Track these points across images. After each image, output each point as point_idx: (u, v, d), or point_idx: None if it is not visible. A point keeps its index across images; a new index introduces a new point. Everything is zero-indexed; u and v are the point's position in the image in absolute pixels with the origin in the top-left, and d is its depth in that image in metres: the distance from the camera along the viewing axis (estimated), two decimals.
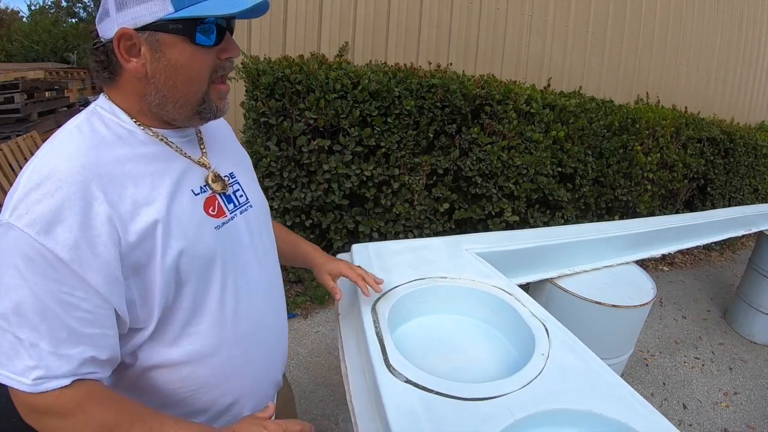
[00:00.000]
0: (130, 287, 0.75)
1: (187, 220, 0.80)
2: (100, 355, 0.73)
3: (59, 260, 0.67)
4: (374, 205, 3.44)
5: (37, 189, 0.68)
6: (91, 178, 0.71)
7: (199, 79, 0.79)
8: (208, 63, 0.79)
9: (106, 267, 0.71)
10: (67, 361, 0.70)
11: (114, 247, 0.71)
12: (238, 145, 1.08)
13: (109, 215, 0.71)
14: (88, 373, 0.73)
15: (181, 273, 0.79)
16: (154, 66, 0.76)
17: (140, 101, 0.80)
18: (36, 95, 6.55)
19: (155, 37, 0.74)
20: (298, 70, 3.10)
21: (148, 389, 0.85)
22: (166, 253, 0.76)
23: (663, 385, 3.21)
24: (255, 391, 0.99)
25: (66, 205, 0.68)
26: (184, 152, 0.86)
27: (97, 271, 0.70)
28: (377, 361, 1.05)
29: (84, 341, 0.71)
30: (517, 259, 1.89)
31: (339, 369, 2.87)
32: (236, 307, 0.89)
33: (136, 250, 0.74)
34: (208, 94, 0.82)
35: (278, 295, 1.06)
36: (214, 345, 0.87)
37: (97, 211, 0.70)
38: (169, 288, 0.79)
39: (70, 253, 0.68)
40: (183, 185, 0.82)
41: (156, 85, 0.78)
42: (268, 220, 1.08)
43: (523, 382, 1.01)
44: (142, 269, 0.75)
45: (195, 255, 0.80)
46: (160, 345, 0.83)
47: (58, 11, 30.72)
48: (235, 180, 0.95)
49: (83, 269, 0.69)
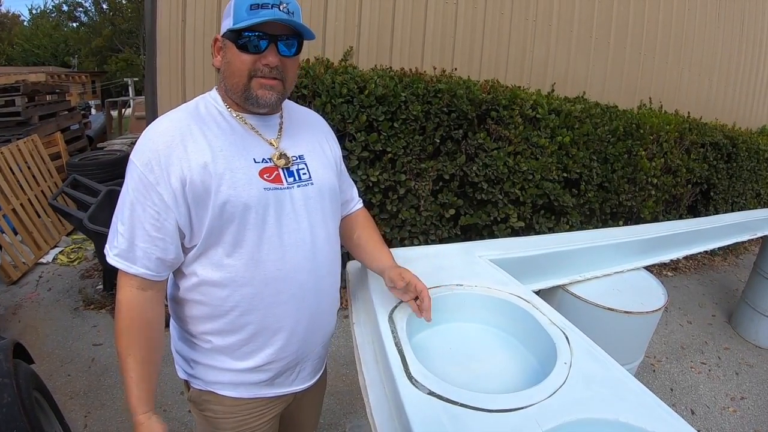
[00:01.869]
0: (190, 211, 1.05)
1: (240, 176, 1.06)
2: (160, 254, 1.05)
3: (149, 182, 1.01)
4: (380, 210, 3.43)
5: (146, 137, 1.05)
6: (179, 136, 1.04)
7: (239, 74, 1.07)
8: (247, 64, 1.06)
9: (174, 191, 1.02)
10: (136, 250, 1.04)
11: (182, 180, 1.02)
12: (324, 139, 1.31)
13: (183, 161, 1.02)
14: (148, 272, 1.06)
15: (226, 212, 1.05)
16: (222, 61, 1.11)
17: (221, 89, 1.15)
18: (37, 99, 6.50)
19: (224, 42, 1.09)
20: (304, 74, 3.10)
21: (198, 300, 1.14)
22: (219, 191, 1.04)
23: (670, 390, 3.20)
24: (279, 335, 1.18)
25: (159, 149, 1.02)
26: (258, 131, 1.15)
27: (169, 193, 1.02)
28: (398, 372, 1.03)
29: (152, 241, 1.04)
30: (529, 265, 1.87)
31: (345, 377, 2.89)
32: (270, 254, 1.11)
33: (197, 186, 1.03)
34: (249, 87, 1.08)
35: (323, 265, 1.22)
36: (246, 278, 1.10)
37: (178, 156, 1.02)
38: (216, 220, 1.05)
39: (156, 179, 1.01)
40: (246, 153, 1.10)
41: (223, 75, 1.12)
42: (333, 201, 1.27)
43: (548, 391, 1.00)
44: (201, 200, 1.04)
45: (239, 201, 1.05)
46: (208, 268, 1.10)
47: (59, 15, 30.76)
48: (303, 161, 1.19)
49: (161, 190, 1.02)
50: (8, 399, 1.68)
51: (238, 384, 1.21)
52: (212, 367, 1.19)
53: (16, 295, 3.87)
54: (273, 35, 1.05)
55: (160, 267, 1.07)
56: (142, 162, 1.02)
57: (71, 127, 7.33)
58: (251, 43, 1.04)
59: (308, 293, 1.19)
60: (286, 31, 1.07)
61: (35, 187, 5.00)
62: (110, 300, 3.70)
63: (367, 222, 1.47)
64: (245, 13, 1.02)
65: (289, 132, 1.22)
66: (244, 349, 1.17)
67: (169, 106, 3.50)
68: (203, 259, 1.11)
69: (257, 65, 1.06)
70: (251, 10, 1.02)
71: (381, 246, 1.41)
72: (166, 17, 3.53)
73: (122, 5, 29.00)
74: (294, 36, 1.09)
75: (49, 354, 3.07)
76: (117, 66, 25.76)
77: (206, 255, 1.10)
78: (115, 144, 7.84)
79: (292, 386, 1.29)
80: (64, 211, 3.76)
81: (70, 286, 4.02)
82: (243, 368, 1.18)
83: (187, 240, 1.09)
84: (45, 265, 4.45)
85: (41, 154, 5.44)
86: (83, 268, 4.39)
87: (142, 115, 7.54)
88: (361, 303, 1.43)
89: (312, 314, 1.23)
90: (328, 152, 1.30)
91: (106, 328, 3.39)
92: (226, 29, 1.06)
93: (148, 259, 1.05)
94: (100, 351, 3.13)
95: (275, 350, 1.19)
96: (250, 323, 1.15)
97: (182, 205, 1.04)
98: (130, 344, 1.07)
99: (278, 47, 1.07)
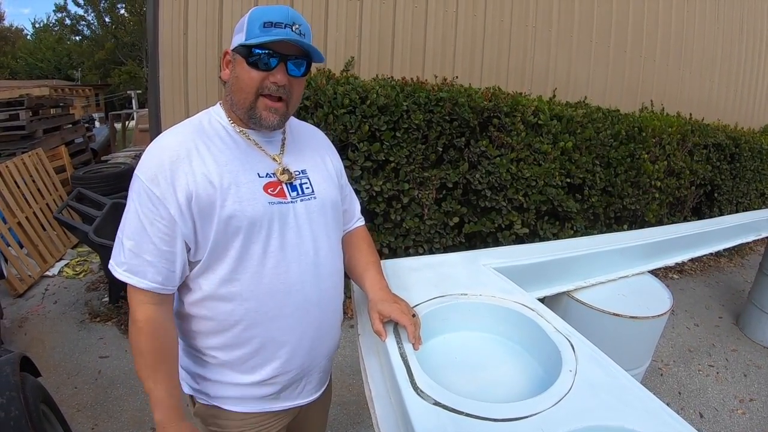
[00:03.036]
0: (195, 225, 1.06)
1: (245, 190, 1.08)
2: (169, 267, 1.06)
3: (155, 196, 1.02)
4: (384, 220, 3.44)
5: (151, 152, 1.06)
6: (185, 151, 1.05)
7: (247, 90, 1.09)
8: (256, 80, 1.07)
9: (180, 205, 1.03)
10: (145, 264, 1.05)
11: (187, 194, 1.03)
12: (325, 153, 1.34)
13: (189, 175, 1.03)
14: (159, 286, 1.06)
15: (231, 226, 1.06)
16: (230, 75, 1.12)
17: (227, 102, 1.16)
18: (41, 112, 6.55)
19: (234, 56, 1.10)
20: (306, 85, 3.12)
21: (203, 315, 1.14)
22: (224, 205, 1.05)
23: (678, 394, 3.18)
24: (284, 348, 1.19)
25: (165, 164, 1.03)
26: (261, 147, 1.16)
27: (175, 207, 1.03)
28: (404, 383, 1.03)
29: (161, 255, 1.05)
30: (533, 272, 1.87)
31: (351, 387, 2.89)
32: (274, 268, 1.12)
33: (203, 200, 1.04)
34: (255, 104, 1.10)
35: (327, 278, 1.23)
36: (251, 292, 1.12)
37: (183, 170, 1.04)
38: (221, 234, 1.07)
39: (163, 193, 1.02)
40: (251, 168, 1.12)
41: (230, 89, 1.13)
42: (335, 215, 1.28)
43: (554, 399, 1.00)
44: (206, 214, 1.05)
45: (245, 215, 1.07)
46: (213, 282, 1.11)
47: (62, 29, 31.02)
48: (305, 176, 1.21)
49: (167, 203, 1.03)
50: (16, 412, 1.69)
51: (244, 398, 1.21)
52: (218, 381, 1.20)
53: (22, 307, 3.88)
54: (283, 54, 1.07)
55: (169, 280, 1.08)
56: (147, 177, 1.03)
57: (75, 140, 7.39)
58: (261, 60, 1.06)
59: (312, 306, 1.20)
60: (296, 51, 1.09)
61: (40, 200, 5.03)
62: (116, 312, 3.72)
63: (360, 243, 1.45)
64: (258, 30, 1.04)
65: (292, 147, 1.24)
66: (250, 363, 1.18)
67: (172, 118, 3.57)
68: (208, 273, 1.11)
69: (265, 83, 1.08)
70: (264, 28, 1.04)
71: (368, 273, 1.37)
72: (168, 31, 3.57)
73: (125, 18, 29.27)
74: (304, 57, 1.11)
75: (56, 366, 3.09)
76: (120, 79, 25.96)
77: (211, 269, 1.11)
78: (120, 157, 7.88)
79: (297, 399, 1.30)
80: (69, 224, 3.78)
81: (76, 299, 4.04)
82: (249, 382, 1.19)
83: (192, 254, 1.10)
84: (51, 278, 4.47)
85: (46, 167, 5.49)
86: (89, 281, 4.41)
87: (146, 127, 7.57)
88: (366, 315, 1.43)
89: (316, 327, 1.23)
90: (329, 166, 1.32)
91: (113, 341, 3.40)
92: (238, 44, 1.08)
93: (158, 272, 1.06)
94: (107, 363, 3.14)
95: (281, 363, 1.19)
96: (256, 337, 1.15)
97: (188, 219, 1.05)
98: (159, 358, 1.09)
99: (287, 67, 1.09)
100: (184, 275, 1.12)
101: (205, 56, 3.65)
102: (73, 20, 30.60)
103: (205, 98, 3.66)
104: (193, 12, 3.59)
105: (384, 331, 1.21)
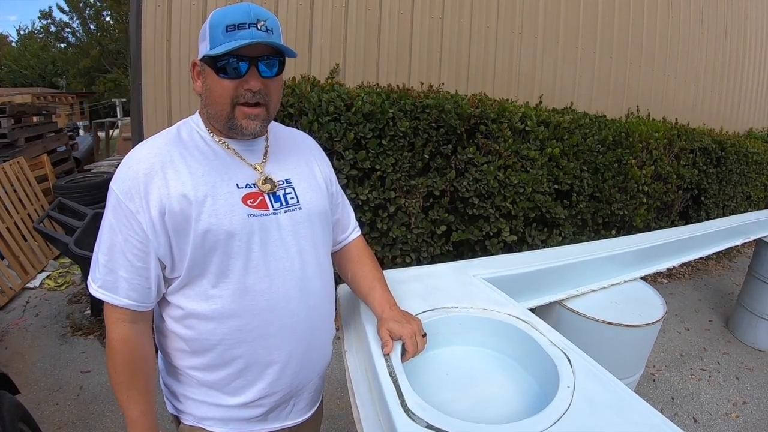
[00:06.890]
0: (170, 241, 1.01)
1: (222, 203, 1.03)
2: (144, 284, 1.02)
3: (129, 211, 0.99)
4: (370, 229, 3.39)
5: (126, 165, 1.02)
6: (159, 163, 1.01)
7: (222, 101, 1.04)
8: (229, 90, 1.02)
9: (153, 221, 0.99)
10: (120, 281, 1.01)
11: (160, 209, 0.99)
12: (313, 160, 1.27)
13: (162, 189, 0.99)
14: (134, 303, 1.02)
15: (208, 241, 1.02)
16: (203, 87, 1.07)
17: (203, 114, 1.11)
18: (23, 120, 6.43)
19: (203, 67, 1.05)
20: (290, 92, 3.08)
21: (182, 334, 1.09)
22: (200, 219, 1.00)
23: (672, 399, 3.16)
24: (271, 368, 1.13)
25: (139, 177, 0.99)
26: (241, 156, 1.11)
27: (148, 223, 0.99)
28: (393, 405, 0.98)
29: (135, 271, 1.01)
30: (524, 282, 1.84)
31: (340, 400, 2.83)
32: (257, 284, 1.07)
33: (177, 215, 0.99)
34: (233, 115, 1.05)
35: (315, 294, 1.18)
36: (233, 310, 1.06)
37: (157, 184, 0.99)
38: (199, 250, 1.02)
39: (137, 208, 0.98)
40: (229, 179, 1.06)
41: (204, 102, 1.08)
42: (324, 225, 1.23)
43: (553, 418, 0.96)
44: (181, 229, 1.01)
45: (221, 228, 1.02)
46: (193, 299, 1.06)
47: (46, 36, 30.71)
48: (290, 185, 1.16)
49: (141, 219, 0.99)
50: None
51: (229, 420, 1.15)
52: (202, 402, 1.14)
53: (2, 321, 3.78)
54: (252, 57, 1.01)
55: (144, 297, 1.04)
56: (122, 191, 0.99)
57: (58, 149, 7.26)
58: (230, 66, 1.00)
59: (300, 323, 1.15)
60: (266, 51, 1.02)
61: (21, 210, 4.92)
62: (98, 326, 3.62)
63: (362, 257, 1.40)
64: (221, 36, 0.99)
65: (275, 155, 1.18)
66: (234, 384, 1.12)
67: (155, 126, 3.51)
68: (187, 290, 1.07)
69: (239, 90, 1.02)
70: (227, 32, 0.98)
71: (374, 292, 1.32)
72: (151, 36, 3.50)
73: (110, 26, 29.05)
74: (275, 55, 1.04)
75: (37, 382, 2.99)
76: (105, 87, 25.76)
77: (190, 286, 1.07)
78: (102, 166, 7.78)
79: (287, 420, 1.24)
80: (49, 235, 3.68)
81: (58, 312, 3.94)
82: (234, 404, 1.13)
83: (169, 271, 1.06)
84: (32, 290, 4.36)
85: (27, 176, 5.37)
86: (71, 293, 4.30)
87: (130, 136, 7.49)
88: (353, 331, 1.39)
89: (305, 345, 1.18)
90: (317, 174, 1.26)
91: (95, 355, 3.31)
92: (204, 54, 1.02)
93: (132, 289, 1.02)
94: (89, 378, 3.05)
95: (267, 384, 1.14)
96: (239, 357, 1.10)
97: (161, 235, 1.00)
98: (132, 378, 1.06)
99: (259, 69, 1.03)
100: (160, 292, 1.08)
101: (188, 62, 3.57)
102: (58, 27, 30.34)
103: (188, 105, 3.59)
104: (176, 15, 3.52)
105: (392, 344, 1.17)
